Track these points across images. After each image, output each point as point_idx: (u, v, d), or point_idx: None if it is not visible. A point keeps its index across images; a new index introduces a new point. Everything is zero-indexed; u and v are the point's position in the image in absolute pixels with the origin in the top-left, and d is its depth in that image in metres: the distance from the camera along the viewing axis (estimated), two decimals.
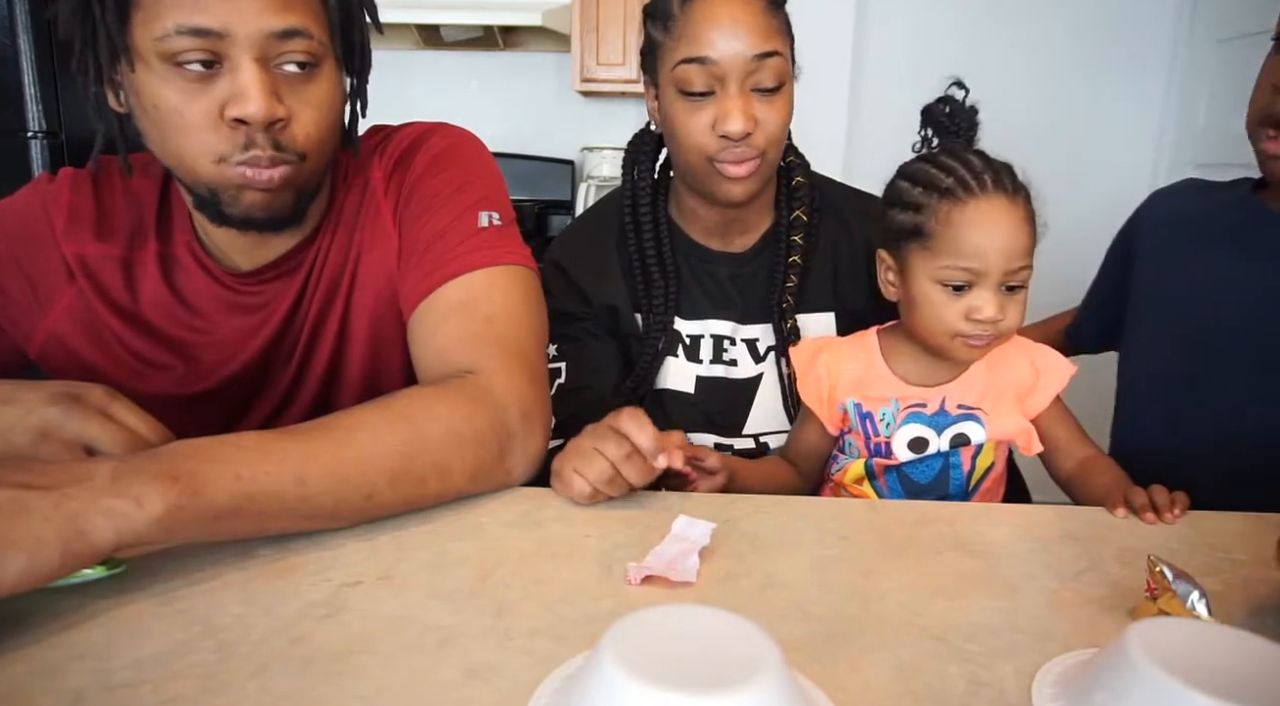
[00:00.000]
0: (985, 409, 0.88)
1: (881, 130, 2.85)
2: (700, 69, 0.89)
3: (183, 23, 0.66)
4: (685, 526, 0.65)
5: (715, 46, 0.88)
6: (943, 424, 0.89)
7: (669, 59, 0.92)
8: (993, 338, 0.84)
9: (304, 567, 0.61)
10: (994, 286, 0.82)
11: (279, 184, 0.73)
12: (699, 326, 1.04)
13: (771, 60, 0.90)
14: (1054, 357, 0.91)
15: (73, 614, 0.54)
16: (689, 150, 0.94)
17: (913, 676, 0.50)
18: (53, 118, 1.89)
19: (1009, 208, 0.81)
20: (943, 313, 0.84)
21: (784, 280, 1.01)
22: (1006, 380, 0.89)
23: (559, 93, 3.06)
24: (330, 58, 0.75)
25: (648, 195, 1.03)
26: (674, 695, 0.37)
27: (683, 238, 1.05)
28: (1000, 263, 0.80)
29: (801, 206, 1.03)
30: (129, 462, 0.55)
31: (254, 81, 0.68)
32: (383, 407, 0.69)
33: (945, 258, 0.82)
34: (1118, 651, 0.44)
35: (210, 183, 0.73)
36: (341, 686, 0.48)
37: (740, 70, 0.89)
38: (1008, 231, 0.81)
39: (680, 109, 0.92)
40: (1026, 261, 0.82)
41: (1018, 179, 0.84)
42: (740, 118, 0.89)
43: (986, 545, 0.68)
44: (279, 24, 0.69)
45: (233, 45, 0.68)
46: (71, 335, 0.82)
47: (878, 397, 0.90)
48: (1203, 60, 2.66)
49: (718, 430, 1.03)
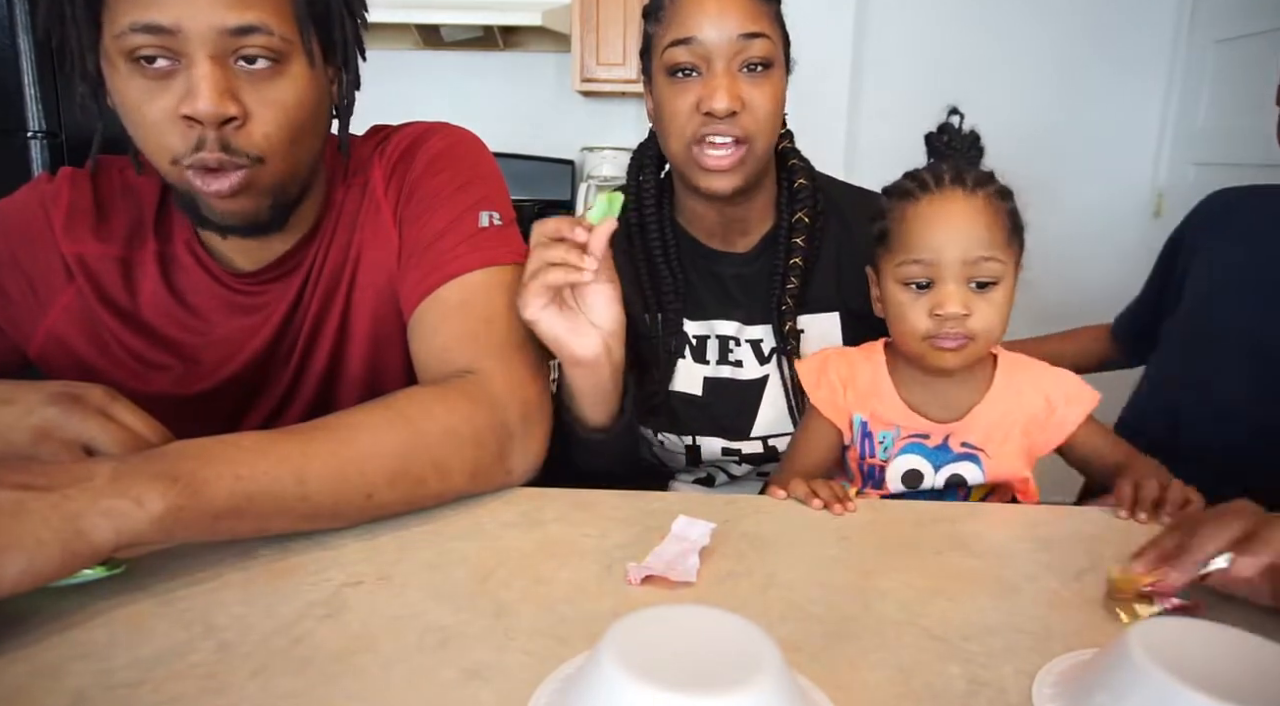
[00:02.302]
0: (989, 451, 0.86)
1: (882, 130, 2.85)
2: (686, 49, 0.89)
3: (137, 20, 0.66)
4: (685, 526, 0.65)
5: (701, 27, 0.89)
6: (941, 460, 0.87)
7: (659, 46, 0.92)
8: (965, 339, 0.81)
9: (304, 567, 0.61)
10: (956, 280, 0.80)
11: (231, 191, 0.71)
12: (704, 326, 1.04)
13: (759, 40, 0.89)
14: (1071, 386, 0.88)
15: (73, 614, 0.54)
16: (674, 136, 0.93)
17: (913, 676, 0.50)
18: (53, 118, 1.88)
19: (964, 200, 0.81)
20: (909, 313, 0.83)
21: (784, 282, 1.01)
22: (1015, 416, 0.87)
23: (559, 93, 3.06)
24: (299, 54, 0.72)
25: (653, 196, 1.04)
26: (674, 695, 0.37)
27: (687, 238, 1.05)
28: (955, 253, 0.79)
29: (804, 209, 1.02)
30: (129, 463, 0.55)
31: (204, 78, 0.67)
32: (382, 407, 0.69)
33: (901, 253, 0.82)
34: (1118, 651, 0.44)
35: (175, 185, 0.72)
36: (341, 686, 0.48)
37: (726, 49, 0.89)
38: (961, 224, 0.80)
39: (668, 93, 0.92)
40: (989, 254, 0.80)
41: (986, 178, 0.83)
42: (725, 95, 0.88)
43: (986, 545, 0.68)
44: (233, 20, 0.67)
45: (187, 42, 0.67)
46: (70, 335, 0.82)
47: (882, 420, 0.89)
48: (1203, 60, 2.66)
49: (726, 434, 1.02)
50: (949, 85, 2.83)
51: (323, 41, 0.76)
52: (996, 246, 0.81)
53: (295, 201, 0.79)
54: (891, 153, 0.95)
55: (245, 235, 0.77)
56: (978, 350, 0.83)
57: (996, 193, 0.82)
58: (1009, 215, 0.83)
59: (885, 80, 2.87)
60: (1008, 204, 0.83)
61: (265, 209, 0.75)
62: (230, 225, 0.75)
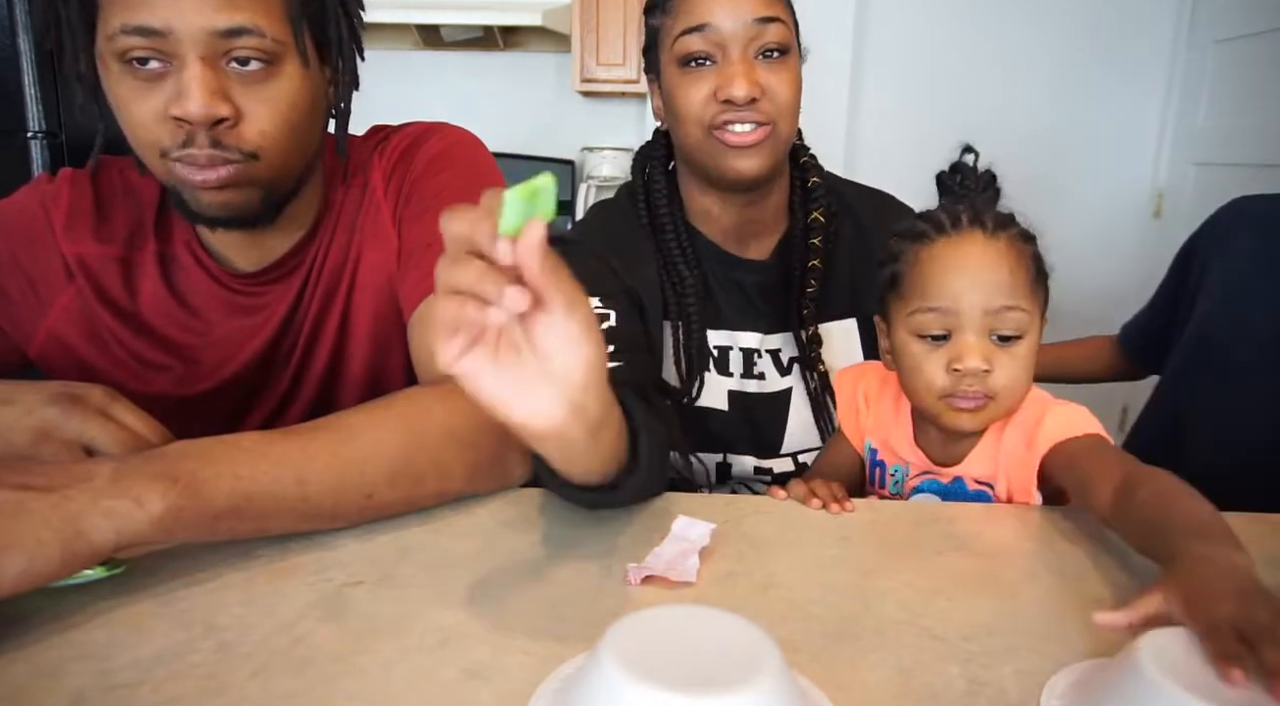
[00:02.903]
0: (998, 489, 0.79)
1: (882, 130, 2.85)
2: (700, 36, 0.86)
3: (128, 22, 0.66)
4: (685, 527, 0.65)
5: (714, 13, 0.86)
6: (955, 494, 0.82)
7: (669, 37, 0.89)
8: (984, 398, 0.75)
9: (304, 567, 0.61)
10: (976, 332, 0.74)
11: (220, 182, 0.71)
12: (726, 337, 0.99)
13: (774, 25, 0.86)
14: (1065, 411, 0.77)
15: (73, 614, 0.54)
16: (691, 124, 0.89)
17: (913, 676, 0.50)
18: (53, 118, 1.89)
19: (985, 244, 0.75)
20: (924, 367, 0.76)
21: (803, 286, 0.96)
22: (1015, 437, 0.78)
23: (559, 93, 3.06)
24: (291, 54, 0.72)
25: (664, 195, 0.97)
26: (674, 695, 0.37)
27: (704, 242, 0.99)
28: (976, 301, 0.73)
29: (819, 208, 0.98)
30: (129, 463, 0.55)
31: (194, 79, 0.67)
32: (382, 408, 0.69)
33: (915, 300, 0.76)
34: (1128, 663, 0.44)
35: (163, 179, 0.73)
36: (341, 686, 0.48)
37: (742, 35, 0.86)
38: (981, 267, 0.74)
39: (681, 83, 0.88)
40: (1012, 302, 0.73)
41: (1008, 220, 0.77)
42: (744, 82, 0.85)
43: (986, 545, 0.68)
44: (224, 22, 0.67)
45: (178, 44, 0.67)
46: (71, 335, 0.82)
47: (891, 451, 0.85)
48: (1203, 60, 2.66)
49: (757, 450, 0.98)
50: (949, 85, 2.83)
51: (318, 41, 0.75)
52: (1020, 294, 0.74)
53: (288, 197, 0.78)
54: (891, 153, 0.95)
55: (235, 229, 0.77)
56: (999, 411, 0.76)
57: (1019, 235, 0.77)
58: (1033, 260, 0.76)
59: (885, 80, 2.87)
60: (1031, 248, 0.77)
61: (256, 202, 0.74)
62: (219, 218, 0.74)
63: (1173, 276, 1.24)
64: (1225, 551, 0.53)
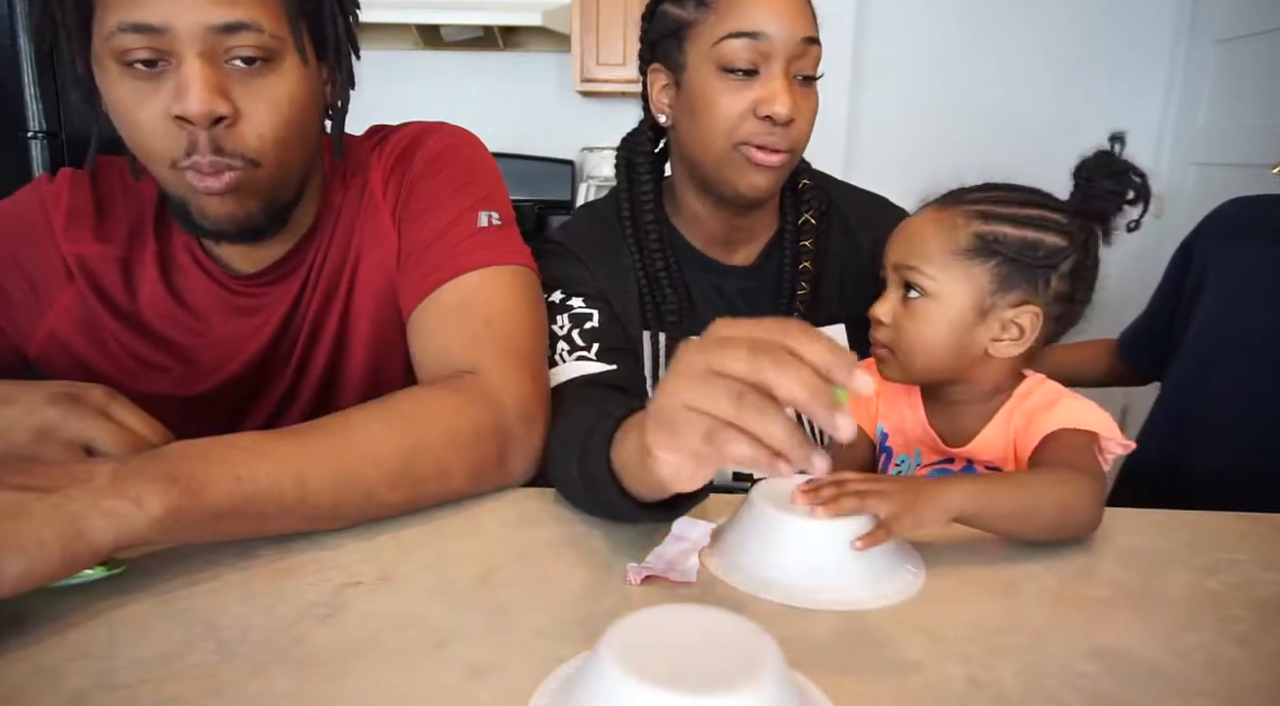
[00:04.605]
0: (1007, 467, 0.79)
1: (882, 132, 2.85)
2: (749, 44, 0.82)
3: (125, 20, 0.65)
4: (685, 527, 0.65)
5: (770, 23, 0.83)
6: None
7: (709, 35, 0.85)
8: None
9: (304, 567, 0.61)
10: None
11: (225, 188, 0.70)
12: None
13: (815, 48, 0.85)
14: (1077, 403, 0.76)
15: (73, 614, 0.54)
16: (718, 135, 0.86)
17: (913, 676, 0.50)
18: (53, 118, 1.89)
19: None
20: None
21: (794, 289, 0.95)
22: (1023, 420, 0.78)
23: (559, 93, 3.07)
24: (290, 52, 0.72)
25: (651, 200, 0.95)
26: (674, 695, 0.37)
27: (686, 247, 0.98)
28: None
29: (810, 210, 0.97)
30: (129, 463, 0.55)
31: (193, 76, 0.66)
32: (382, 408, 0.69)
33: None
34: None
35: (173, 190, 0.72)
36: (341, 686, 0.48)
37: (789, 51, 0.83)
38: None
39: (718, 89, 0.85)
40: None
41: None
42: (788, 101, 0.83)
43: (987, 545, 0.68)
44: (221, 18, 0.67)
45: (176, 41, 0.66)
46: (70, 335, 0.82)
47: (902, 434, 0.86)
48: (1203, 60, 2.66)
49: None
50: (949, 86, 2.83)
51: (315, 39, 0.75)
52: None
53: (289, 206, 0.78)
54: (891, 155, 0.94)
55: (238, 242, 0.77)
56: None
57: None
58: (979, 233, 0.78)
59: (885, 83, 2.87)
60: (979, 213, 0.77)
61: (257, 212, 0.74)
62: (223, 230, 0.74)
63: (1170, 275, 1.24)
64: (955, 487, 0.63)
